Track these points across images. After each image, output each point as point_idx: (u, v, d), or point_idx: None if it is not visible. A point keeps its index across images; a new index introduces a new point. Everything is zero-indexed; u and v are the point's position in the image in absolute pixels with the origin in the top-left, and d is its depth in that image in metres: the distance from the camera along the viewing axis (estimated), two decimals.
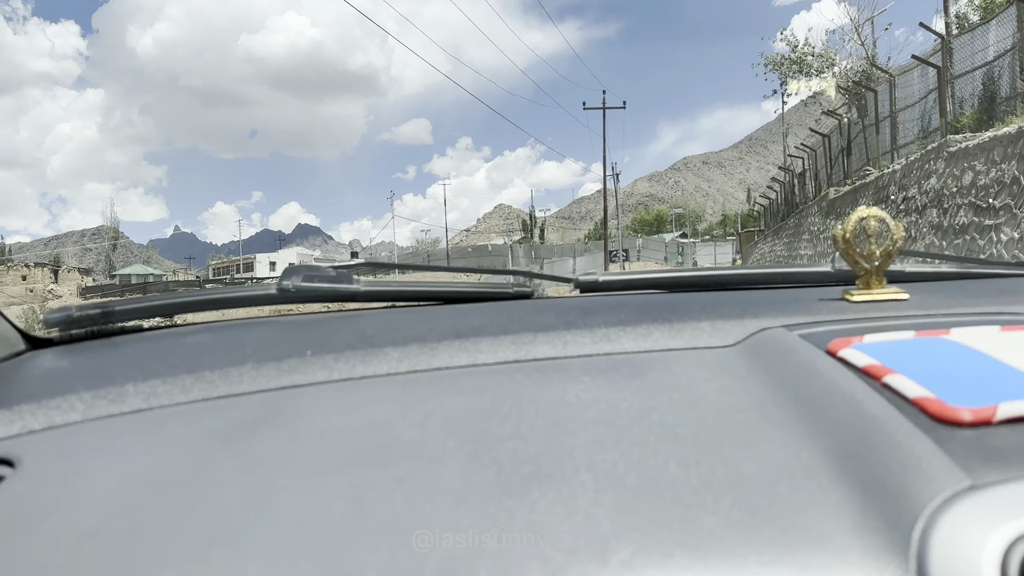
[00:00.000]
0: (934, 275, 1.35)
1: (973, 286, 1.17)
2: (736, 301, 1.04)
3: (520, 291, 1.33)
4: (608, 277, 1.33)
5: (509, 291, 1.33)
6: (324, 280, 1.22)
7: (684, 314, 0.92)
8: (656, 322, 0.87)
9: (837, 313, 0.91)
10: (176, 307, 1.25)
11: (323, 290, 1.21)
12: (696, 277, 1.38)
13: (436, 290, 1.32)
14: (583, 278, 1.34)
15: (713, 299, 1.09)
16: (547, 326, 0.88)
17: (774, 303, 1.00)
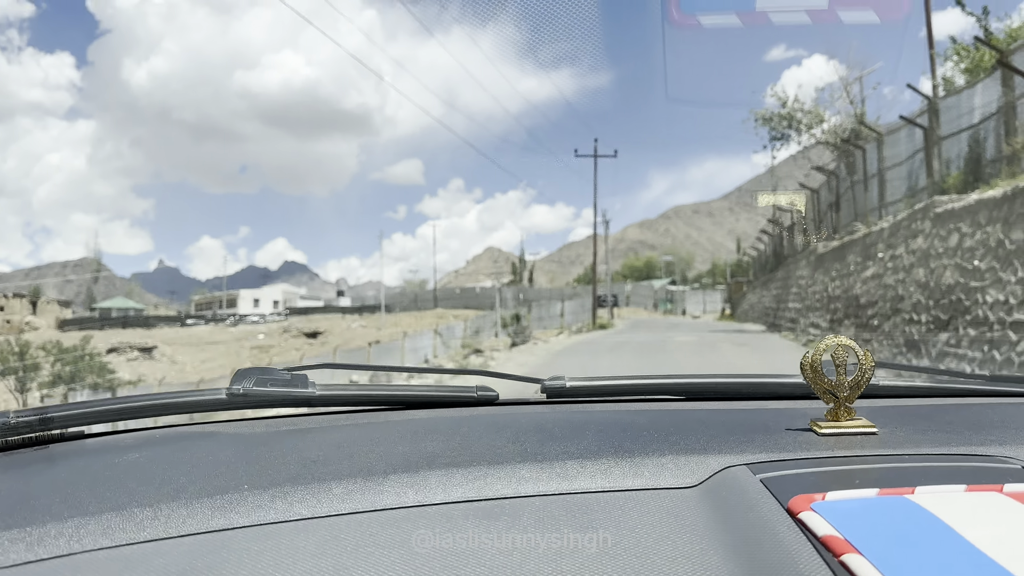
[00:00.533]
0: (905, 391, 1.34)
1: (944, 414, 1.15)
2: (704, 425, 1.03)
3: (483, 396, 1.30)
4: (576, 383, 1.32)
5: (472, 395, 1.30)
6: (277, 384, 1.19)
7: (647, 444, 0.91)
8: (617, 456, 0.86)
9: (804, 450, 0.89)
10: (119, 413, 1.18)
11: (276, 395, 1.18)
12: (668, 385, 1.35)
13: (395, 394, 1.29)
14: (550, 383, 1.33)
15: (681, 420, 1.08)
16: (502, 457, 0.86)
17: (741, 433, 0.98)
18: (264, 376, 1.19)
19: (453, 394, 1.31)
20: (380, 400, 1.29)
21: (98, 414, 1.16)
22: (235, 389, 1.16)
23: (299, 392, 1.18)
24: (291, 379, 1.20)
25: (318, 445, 0.99)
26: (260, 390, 1.17)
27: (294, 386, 1.19)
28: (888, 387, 1.32)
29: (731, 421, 1.08)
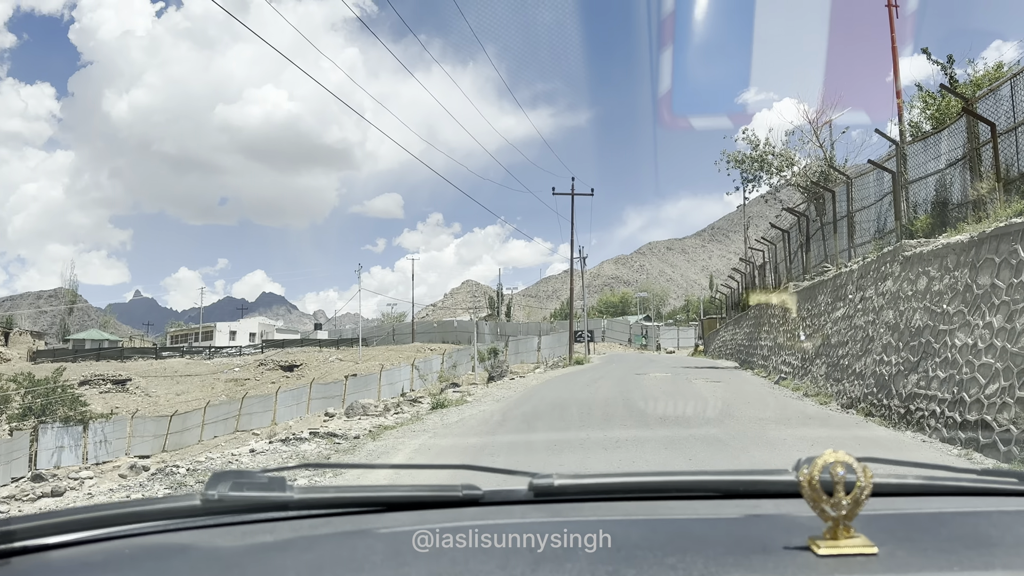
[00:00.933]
0: (898, 488, 1.32)
1: (943, 526, 1.14)
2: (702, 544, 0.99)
3: (468, 495, 1.25)
4: (564, 481, 1.27)
5: (457, 495, 1.25)
6: (254, 488, 1.14)
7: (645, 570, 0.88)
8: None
9: (802, 572, 0.87)
10: (86, 524, 1.13)
11: (252, 500, 1.14)
12: (660, 483, 1.32)
13: (377, 495, 1.23)
14: (538, 482, 1.27)
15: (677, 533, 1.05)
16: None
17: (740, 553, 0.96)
18: (240, 480, 1.15)
19: (438, 494, 1.25)
20: (361, 502, 1.23)
21: (64, 525, 1.11)
22: (210, 495, 1.12)
23: (276, 496, 1.15)
24: (268, 482, 1.16)
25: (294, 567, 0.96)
26: (236, 495, 1.13)
27: (271, 489, 1.15)
28: (882, 485, 1.27)
29: (728, 535, 1.07)
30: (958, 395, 9.50)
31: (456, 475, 1.16)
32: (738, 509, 1.23)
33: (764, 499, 1.28)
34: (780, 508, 1.23)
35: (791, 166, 24.16)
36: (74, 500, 11.24)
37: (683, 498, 1.30)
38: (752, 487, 1.29)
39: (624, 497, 1.30)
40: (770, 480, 1.27)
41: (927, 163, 15.31)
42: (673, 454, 8.78)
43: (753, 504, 1.26)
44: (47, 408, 38.51)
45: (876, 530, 1.01)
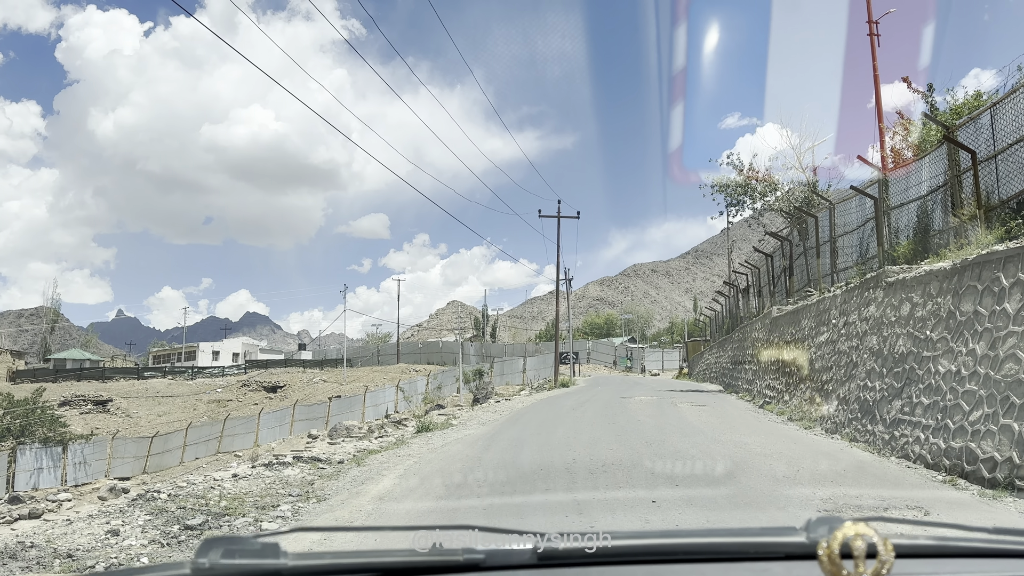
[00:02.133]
0: (911, 550, 1.29)
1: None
2: None
3: (469, 559, 1.22)
4: (569, 545, 1.25)
5: (457, 560, 1.22)
6: (247, 555, 1.11)
7: None
8: None
9: None
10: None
11: (244, 568, 1.10)
12: (666, 546, 1.30)
13: (373, 562, 1.20)
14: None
15: None
16: None
17: None
18: (232, 546, 1.13)
19: (437, 558, 1.22)
20: (357, 569, 1.20)
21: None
22: (201, 563, 1.09)
23: (269, 564, 1.12)
24: (261, 548, 1.14)
25: None
26: (227, 563, 1.10)
27: (264, 556, 1.12)
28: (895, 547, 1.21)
29: None
30: (942, 422, 9.56)
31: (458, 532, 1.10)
32: (749, 574, 1.21)
33: (774, 562, 1.26)
34: (791, 572, 1.21)
35: (774, 191, 24.40)
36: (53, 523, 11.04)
37: (691, 561, 1.27)
38: (762, 549, 1.27)
39: (630, 561, 1.28)
40: (780, 542, 1.26)
41: (908, 190, 15.49)
42: (661, 487, 8.77)
43: (763, 568, 1.23)
44: (26, 429, 37.97)
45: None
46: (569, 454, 11.15)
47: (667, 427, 14.48)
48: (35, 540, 8.45)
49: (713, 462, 10.18)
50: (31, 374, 67.36)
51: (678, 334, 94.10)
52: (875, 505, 7.41)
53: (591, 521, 6.96)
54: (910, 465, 9.95)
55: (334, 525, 7.71)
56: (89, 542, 7.96)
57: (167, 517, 8.82)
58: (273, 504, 9.30)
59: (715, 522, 6.74)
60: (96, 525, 8.89)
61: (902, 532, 1.42)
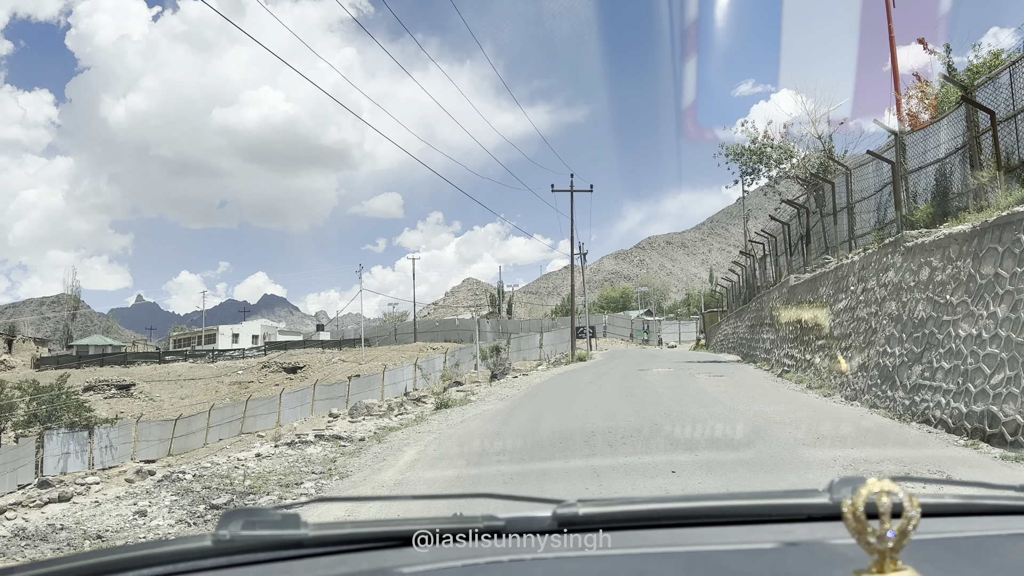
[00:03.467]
0: (936, 509, 1.28)
1: (989, 554, 1.10)
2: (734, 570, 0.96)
3: (489, 526, 1.21)
4: (588, 510, 1.24)
5: (477, 526, 1.21)
6: (267, 526, 1.12)
7: None
8: None
9: None
10: (90, 569, 1.08)
11: (265, 539, 1.11)
12: (687, 509, 1.29)
13: (395, 530, 1.19)
14: (561, 511, 1.23)
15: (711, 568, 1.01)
16: None
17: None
18: (253, 518, 1.13)
19: (458, 526, 1.22)
20: (377, 537, 1.19)
21: (68, 572, 1.07)
22: (222, 534, 1.09)
23: (290, 534, 1.12)
24: (281, 519, 1.14)
25: None
26: (248, 534, 1.10)
27: (284, 527, 1.13)
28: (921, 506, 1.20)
29: (768, 569, 1.02)
30: (963, 385, 9.49)
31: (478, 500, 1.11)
32: (772, 536, 1.19)
33: (797, 523, 1.24)
34: (815, 533, 1.20)
35: (790, 158, 24.13)
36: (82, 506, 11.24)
37: (712, 524, 1.26)
38: (785, 511, 1.26)
39: (651, 525, 1.27)
40: (803, 504, 1.25)
41: (926, 152, 15.27)
42: (680, 454, 8.79)
43: (787, 530, 1.22)
44: (52, 414, 38.58)
45: (920, 559, 0.98)
46: (588, 426, 11.19)
47: (685, 398, 14.48)
48: (65, 522, 8.61)
49: (732, 430, 10.19)
50: (55, 361, 68.28)
51: (694, 306, 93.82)
52: (897, 469, 7.39)
53: (610, 488, 6.99)
54: (931, 430, 9.91)
55: (354, 495, 7.78)
56: (117, 523, 8.11)
57: (193, 497, 8.96)
58: (296, 482, 9.41)
59: (736, 487, 6.74)
60: (124, 507, 9.04)
61: (926, 491, 1.39)
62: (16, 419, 39.27)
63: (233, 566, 1.14)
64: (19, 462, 35.51)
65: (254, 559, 1.15)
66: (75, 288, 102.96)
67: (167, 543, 1.14)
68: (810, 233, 22.40)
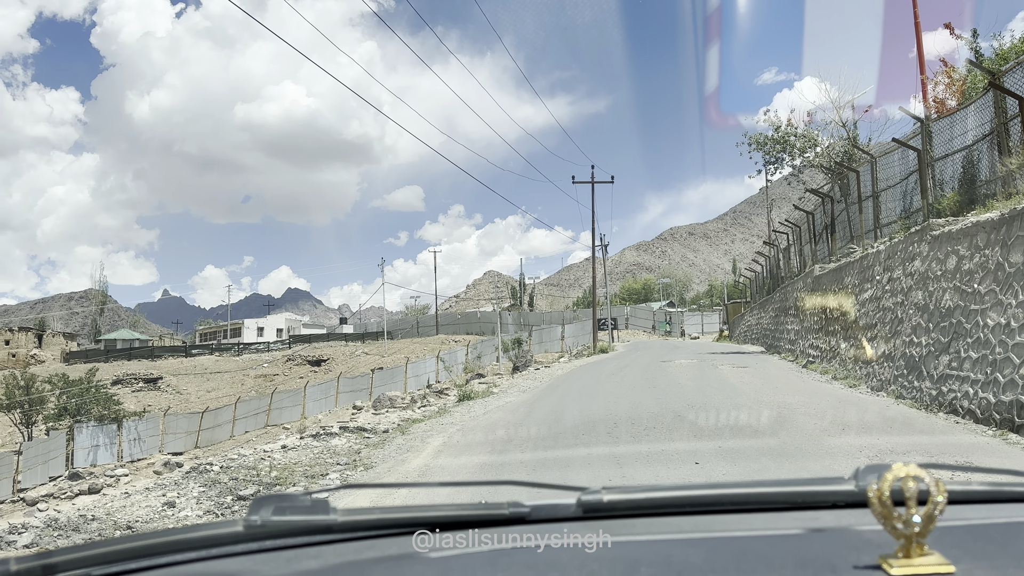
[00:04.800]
0: (964, 496, 1.27)
1: (1019, 539, 1.09)
2: (765, 564, 0.96)
3: (514, 513, 1.22)
4: (613, 497, 1.24)
5: (503, 513, 1.22)
6: (297, 512, 1.14)
7: None
8: None
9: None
10: (127, 554, 1.11)
11: (295, 524, 1.13)
12: (712, 496, 1.29)
13: (422, 516, 1.21)
14: (586, 498, 1.24)
15: (737, 553, 1.01)
16: None
17: (802, 571, 0.92)
18: (283, 504, 1.15)
19: (483, 512, 1.23)
20: (405, 523, 1.21)
21: (106, 556, 1.09)
22: (252, 520, 1.12)
23: (320, 520, 1.14)
24: (311, 505, 1.16)
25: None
26: (279, 520, 1.12)
27: (314, 513, 1.15)
28: (948, 493, 1.18)
29: (792, 554, 1.02)
30: (991, 376, 9.38)
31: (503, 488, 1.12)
32: (797, 522, 1.19)
33: (823, 511, 1.24)
34: (841, 520, 1.19)
35: (814, 146, 23.87)
36: (112, 497, 11.43)
37: (737, 511, 1.26)
38: (810, 498, 1.25)
39: (676, 512, 1.27)
40: (829, 491, 1.24)
41: (953, 140, 15.05)
42: (703, 442, 8.76)
43: (812, 516, 1.22)
44: (82, 408, 39.20)
45: (947, 545, 0.98)
46: (610, 416, 11.19)
47: (708, 389, 14.42)
48: (96, 513, 8.77)
49: (756, 420, 10.14)
50: (83, 355, 69.33)
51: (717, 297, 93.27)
52: (923, 458, 7.30)
53: (633, 477, 7.00)
54: (959, 420, 9.80)
55: (382, 482, 7.83)
56: (147, 514, 8.24)
57: (220, 488, 9.08)
58: (322, 473, 9.50)
59: (760, 476, 6.71)
60: (153, 498, 9.18)
61: (954, 478, 1.38)
62: (47, 412, 39.96)
63: (264, 551, 1.16)
64: (50, 455, 36.15)
65: (285, 544, 1.17)
66: (102, 283, 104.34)
67: (199, 528, 1.16)
68: (835, 222, 22.17)
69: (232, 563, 1.13)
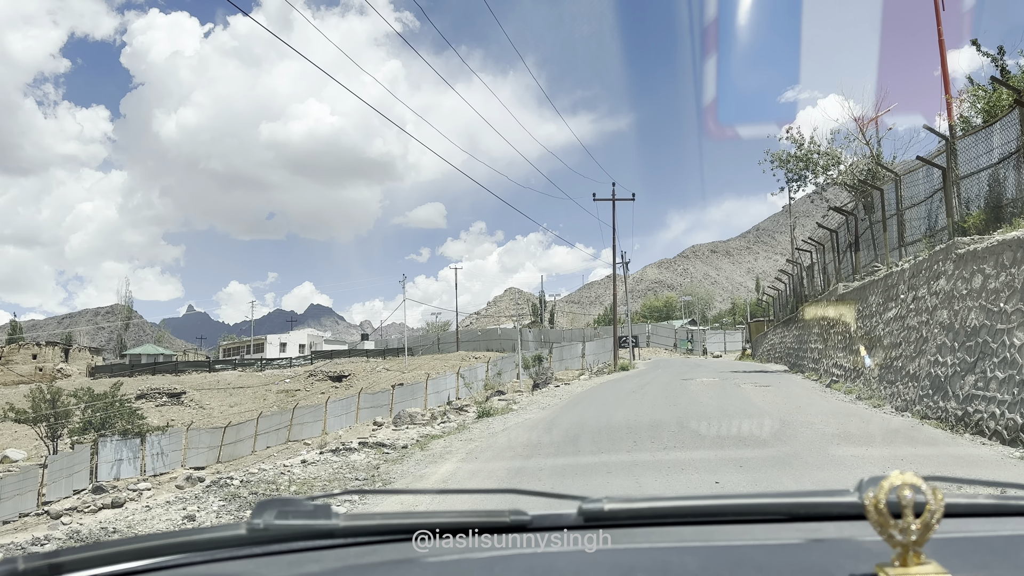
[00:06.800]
0: (968, 509, 1.27)
1: (1020, 550, 1.09)
2: (755, 563, 0.97)
3: (515, 520, 1.23)
4: (614, 506, 1.24)
5: (504, 520, 1.23)
6: (300, 516, 1.16)
7: None
8: None
9: None
10: (133, 555, 1.13)
11: (298, 528, 1.15)
12: (712, 507, 1.29)
13: (422, 522, 1.22)
14: (587, 506, 1.24)
15: (735, 561, 1.02)
16: None
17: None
18: (286, 508, 1.16)
19: (484, 519, 1.23)
20: (407, 528, 1.22)
21: (111, 557, 1.11)
22: (256, 523, 1.13)
23: (322, 524, 1.16)
24: (314, 510, 1.17)
25: None
26: (281, 524, 1.14)
27: (317, 517, 1.16)
28: (952, 506, 1.18)
29: (789, 563, 1.03)
30: (1018, 396, 9.22)
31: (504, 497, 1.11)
32: (798, 533, 1.18)
33: (825, 522, 1.23)
34: (843, 532, 1.19)
35: (837, 164, 23.71)
36: (133, 511, 11.52)
37: (740, 522, 1.26)
38: (812, 509, 1.25)
39: (678, 522, 1.26)
40: (831, 502, 1.23)
41: (979, 158, 14.90)
42: (724, 460, 8.68)
43: (814, 528, 1.21)
44: (106, 422, 39.59)
45: (947, 555, 0.97)
46: (630, 436, 11.12)
47: (730, 408, 14.30)
48: (117, 526, 8.83)
49: (779, 440, 10.03)
50: (108, 369, 70.13)
51: (740, 315, 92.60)
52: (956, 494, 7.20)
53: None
54: (985, 442, 9.63)
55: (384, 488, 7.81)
56: (167, 527, 8.29)
57: (240, 502, 9.12)
58: (341, 488, 9.52)
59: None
60: (173, 511, 9.24)
61: (960, 491, 1.36)
62: (72, 426, 40.40)
63: (267, 555, 1.18)
64: (74, 468, 36.51)
65: (287, 548, 1.19)
66: (128, 299, 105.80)
67: (203, 530, 1.18)
68: (859, 240, 21.98)
69: (235, 566, 1.15)
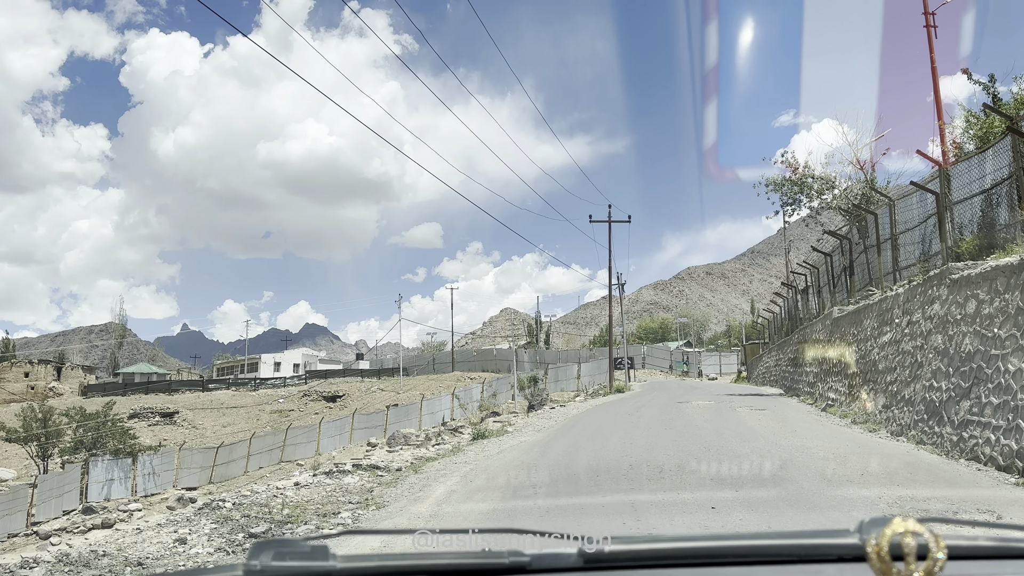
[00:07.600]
0: (969, 551, 1.25)
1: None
2: None
3: (515, 562, 1.22)
4: (615, 548, 1.23)
5: (503, 562, 1.22)
6: (297, 557, 1.15)
7: None
8: None
9: None
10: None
11: (295, 570, 1.14)
12: (712, 548, 1.28)
13: (421, 564, 1.21)
14: (588, 548, 1.23)
15: None
16: None
17: None
18: (283, 549, 1.16)
19: (483, 561, 1.22)
20: (404, 571, 1.21)
21: None
22: (253, 565, 1.13)
23: (319, 566, 1.15)
24: (311, 551, 1.17)
25: None
26: (278, 565, 1.13)
27: (314, 559, 1.15)
28: (953, 548, 1.17)
29: None
30: (1013, 422, 9.22)
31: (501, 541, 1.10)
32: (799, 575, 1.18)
33: (826, 564, 1.23)
34: (843, 574, 1.19)
35: (831, 188, 23.86)
36: (124, 532, 11.41)
37: (740, 564, 1.25)
38: (812, 551, 1.24)
39: (678, 564, 1.26)
40: (832, 543, 1.23)
41: (971, 183, 15.00)
42: (721, 490, 8.66)
43: (814, 570, 1.21)
44: (98, 441, 39.29)
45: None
46: (626, 459, 11.08)
47: (726, 432, 14.27)
48: (107, 549, 8.74)
49: (774, 466, 10.00)
50: (101, 388, 69.74)
51: (735, 337, 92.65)
52: (943, 509, 7.19)
53: (648, 525, 6.90)
54: (980, 468, 9.62)
55: (381, 528, 7.81)
56: (158, 550, 8.21)
57: (232, 525, 9.05)
58: (334, 511, 9.45)
59: (777, 525, 6.62)
60: (164, 534, 9.16)
61: (961, 533, 1.35)
62: (63, 445, 40.08)
63: None
64: (64, 488, 36.17)
65: None
66: (122, 317, 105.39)
67: (200, 572, 1.19)
68: (853, 264, 22.06)
69: None
